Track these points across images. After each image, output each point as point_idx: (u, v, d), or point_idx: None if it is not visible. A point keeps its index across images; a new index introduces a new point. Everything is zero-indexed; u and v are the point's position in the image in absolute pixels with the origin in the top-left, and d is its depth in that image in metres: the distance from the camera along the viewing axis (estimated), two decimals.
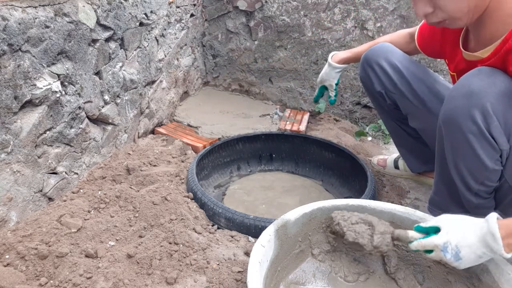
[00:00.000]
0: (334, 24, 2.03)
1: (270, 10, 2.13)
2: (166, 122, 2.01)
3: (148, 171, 1.49)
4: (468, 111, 0.91)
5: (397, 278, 1.03)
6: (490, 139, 0.92)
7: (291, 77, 2.25)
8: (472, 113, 0.90)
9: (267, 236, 0.94)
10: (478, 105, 0.89)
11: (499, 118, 0.90)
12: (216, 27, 2.33)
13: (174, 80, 2.08)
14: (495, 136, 0.91)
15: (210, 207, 1.29)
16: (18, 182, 1.17)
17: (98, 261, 1.07)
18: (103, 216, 1.25)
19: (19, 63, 1.11)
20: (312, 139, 1.77)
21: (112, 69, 1.53)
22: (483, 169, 0.96)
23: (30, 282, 1.00)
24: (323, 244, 1.08)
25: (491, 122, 0.90)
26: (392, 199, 1.47)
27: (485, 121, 0.90)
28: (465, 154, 0.97)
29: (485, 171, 0.96)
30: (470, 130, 0.92)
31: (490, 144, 0.92)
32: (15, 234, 1.12)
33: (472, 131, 0.92)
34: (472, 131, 0.92)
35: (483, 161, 0.94)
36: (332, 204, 1.05)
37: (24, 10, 1.10)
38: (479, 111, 0.89)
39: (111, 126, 1.59)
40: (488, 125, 0.90)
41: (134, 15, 1.60)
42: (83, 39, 1.34)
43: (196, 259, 1.09)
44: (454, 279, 0.95)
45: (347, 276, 1.05)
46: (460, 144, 0.96)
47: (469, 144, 0.94)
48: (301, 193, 1.62)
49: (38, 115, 1.20)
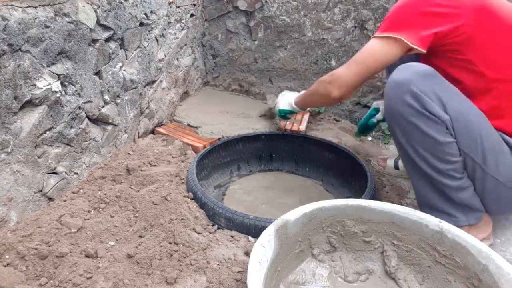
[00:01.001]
0: (334, 24, 2.03)
1: (270, 10, 2.13)
2: (166, 122, 2.01)
3: (148, 171, 1.49)
4: (401, 99, 1.03)
5: (397, 278, 1.03)
6: (429, 115, 1.02)
7: (291, 77, 2.25)
8: (404, 99, 1.03)
9: (267, 236, 0.94)
10: (407, 90, 1.02)
11: (430, 95, 1.01)
12: (216, 27, 2.33)
13: (174, 80, 2.08)
14: (432, 111, 1.01)
15: (210, 207, 1.29)
16: (18, 182, 1.17)
17: (98, 261, 1.07)
18: (103, 216, 1.25)
19: (19, 63, 1.11)
20: (312, 139, 1.77)
21: (112, 69, 1.53)
22: (438, 144, 1.04)
23: (30, 282, 1.00)
24: (323, 244, 1.08)
25: (423, 101, 1.01)
26: (392, 199, 1.47)
27: (418, 101, 1.02)
28: (417, 137, 1.06)
29: (440, 146, 1.04)
30: (410, 113, 1.03)
31: (431, 119, 1.02)
32: (15, 234, 1.12)
33: (412, 113, 1.03)
34: (412, 113, 1.03)
35: (434, 137, 1.03)
36: (332, 204, 1.05)
37: (24, 10, 1.10)
38: (409, 94, 1.02)
39: (111, 126, 1.59)
40: (423, 104, 1.02)
41: (134, 15, 1.60)
42: (83, 39, 1.34)
43: (196, 259, 1.09)
44: (454, 279, 0.95)
45: (347, 276, 1.05)
46: (409, 130, 1.06)
47: (415, 126, 1.04)
48: (301, 193, 1.62)
49: (38, 115, 1.20)
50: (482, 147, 1.04)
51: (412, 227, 1.00)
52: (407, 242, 1.02)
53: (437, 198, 1.13)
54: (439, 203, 1.14)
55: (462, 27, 1.04)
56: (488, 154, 1.05)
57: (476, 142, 1.04)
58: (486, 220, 1.18)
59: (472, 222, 1.14)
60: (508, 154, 1.07)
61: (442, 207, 1.14)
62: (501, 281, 0.84)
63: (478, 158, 1.05)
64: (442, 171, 1.07)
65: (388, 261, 1.04)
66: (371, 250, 1.08)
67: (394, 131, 1.11)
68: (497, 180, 1.07)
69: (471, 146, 1.05)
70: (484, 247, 0.90)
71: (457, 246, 0.93)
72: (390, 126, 1.13)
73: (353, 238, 1.08)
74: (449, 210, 1.13)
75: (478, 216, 1.14)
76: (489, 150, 1.05)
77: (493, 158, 1.05)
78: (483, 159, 1.05)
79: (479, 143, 1.04)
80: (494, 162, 1.05)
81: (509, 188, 1.08)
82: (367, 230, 1.06)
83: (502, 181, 1.07)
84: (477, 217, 1.14)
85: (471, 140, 1.04)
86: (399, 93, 1.04)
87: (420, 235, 1.00)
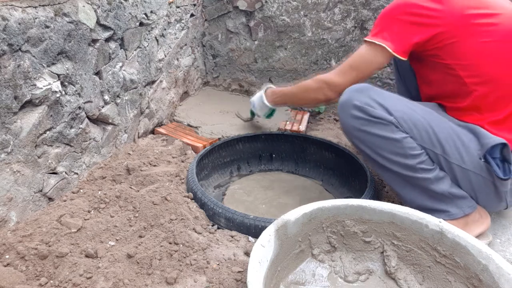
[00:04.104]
0: (334, 24, 2.03)
1: (270, 10, 2.13)
2: (166, 122, 2.01)
3: (148, 171, 1.49)
4: (349, 115, 1.15)
5: (397, 278, 1.03)
6: (377, 120, 1.11)
7: (291, 77, 2.25)
8: (352, 113, 1.14)
9: (267, 236, 0.94)
10: (351, 106, 1.14)
11: (371, 104, 1.12)
12: (216, 27, 2.33)
13: (174, 80, 2.08)
14: (377, 116, 1.11)
15: (210, 207, 1.29)
16: (18, 182, 1.17)
17: (98, 261, 1.07)
18: (103, 216, 1.25)
19: (19, 63, 1.11)
20: (312, 139, 1.77)
21: (112, 69, 1.53)
22: (395, 141, 1.11)
23: (30, 282, 1.00)
24: (323, 244, 1.08)
25: (367, 110, 1.12)
26: (392, 199, 1.47)
27: (363, 112, 1.12)
28: (377, 142, 1.14)
29: (399, 142, 1.11)
30: (361, 123, 1.14)
31: (380, 123, 1.12)
32: (15, 234, 1.12)
33: (362, 123, 1.14)
34: (362, 123, 1.14)
35: (389, 136, 1.11)
36: (332, 204, 1.05)
37: (24, 10, 1.10)
38: (354, 109, 1.14)
39: (111, 126, 1.59)
40: (368, 113, 1.12)
41: (134, 15, 1.60)
42: (83, 39, 1.34)
43: (196, 259, 1.09)
44: (454, 279, 0.95)
45: (347, 276, 1.05)
46: (367, 138, 1.15)
47: (370, 133, 1.14)
48: (301, 193, 1.62)
49: (38, 115, 1.20)
50: (437, 137, 1.10)
51: (412, 227, 1.00)
52: (407, 242, 1.02)
53: (422, 197, 1.16)
54: (427, 201, 1.16)
55: (442, 34, 1.08)
56: (445, 144, 1.10)
57: (428, 134, 1.11)
58: (482, 213, 1.18)
59: (467, 211, 1.14)
60: (470, 141, 1.10)
61: (431, 205, 1.15)
62: (501, 281, 0.84)
63: (437, 149, 1.11)
64: (413, 167, 1.12)
65: (388, 261, 1.04)
66: (371, 250, 1.08)
67: (357, 145, 1.20)
68: (463, 168, 1.10)
69: (425, 139, 1.11)
70: (484, 247, 0.90)
71: (457, 246, 0.93)
72: (352, 142, 1.22)
73: (353, 238, 1.08)
74: (439, 206, 1.15)
75: (471, 205, 1.14)
76: (445, 140, 1.10)
77: (452, 147, 1.10)
78: (442, 149, 1.10)
79: (432, 134, 1.10)
80: (455, 150, 1.10)
81: (477, 175, 1.10)
82: (367, 230, 1.06)
83: (469, 168, 1.10)
84: (470, 206, 1.14)
85: (423, 133, 1.11)
86: (346, 111, 1.16)
87: (420, 235, 1.00)
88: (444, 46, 1.10)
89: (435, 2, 1.09)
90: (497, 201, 1.16)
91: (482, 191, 1.13)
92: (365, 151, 1.19)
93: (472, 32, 1.07)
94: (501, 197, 1.14)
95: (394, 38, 1.14)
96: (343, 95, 1.19)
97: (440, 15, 1.08)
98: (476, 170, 1.10)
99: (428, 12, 1.09)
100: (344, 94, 1.19)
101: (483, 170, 1.09)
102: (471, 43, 1.08)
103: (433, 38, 1.10)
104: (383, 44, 1.14)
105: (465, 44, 1.08)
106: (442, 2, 1.08)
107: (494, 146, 1.05)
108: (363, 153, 1.20)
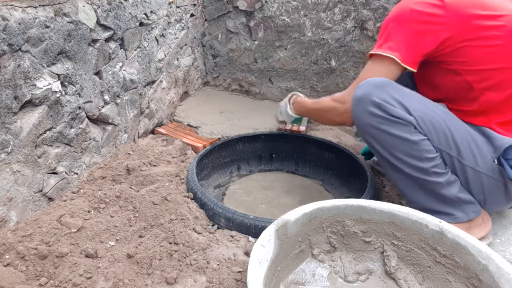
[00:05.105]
0: (334, 24, 2.03)
1: (270, 10, 2.13)
2: (166, 122, 2.01)
3: (148, 171, 1.49)
4: (366, 111, 1.09)
5: (397, 278, 1.03)
6: (396, 119, 1.06)
7: (291, 77, 2.25)
8: (369, 110, 1.08)
9: (267, 236, 0.94)
10: (369, 102, 1.08)
11: (391, 102, 1.06)
12: (216, 27, 2.33)
13: (174, 80, 2.08)
14: (396, 115, 1.06)
15: (210, 207, 1.29)
16: (18, 182, 1.17)
17: (98, 261, 1.07)
18: (103, 216, 1.25)
19: (19, 63, 1.11)
20: (312, 139, 1.77)
21: (112, 69, 1.53)
22: (412, 144, 1.07)
23: (30, 282, 1.00)
24: (323, 244, 1.08)
25: (386, 108, 1.06)
26: (392, 199, 1.47)
27: (382, 109, 1.07)
28: (393, 143, 1.10)
29: (415, 145, 1.07)
30: (378, 122, 1.09)
31: (398, 123, 1.07)
32: (15, 234, 1.12)
33: (380, 121, 1.08)
34: (380, 121, 1.08)
35: (406, 138, 1.07)
36: (332, 204, 1.05)
37: (24, 10, 1.10)
38: (372, 105, 1.08)
39: (111, 126, 1.59)
40: (386, 111, 1.06)
41: (134, 15, 1.60)
42: (83, 39, 1.34)
43: (196, 259, 1.09)
44: (454, 279, 0.95)
45: (347, 276, 1.05)
46: (383, 138, 1.10)
47: (387, 133, 1.09)
48: (301, 193, 1.62)
49: (38, 115, 1.20)
50: (454, 139, 1.08)
51: (412, 227, 1.00)
52: (407, 242, 1.02)
53: (431, 200, 1.14)
54: (434, 204, 1.14)
55: (450, 39, 1.06)
56: (461, 146, 1.08)
57: (446, 136, 1.08)
58: (484, 217, 1.18)
59: (472, 216, 1.13)
60: (483, 144, 1.09)
61: (438, 208, 1.14)
62: (501, 281, 0.84)
63: (452, 152, 1.09)
64: (427, 170, 1.09)
65: (388, 261, 1.04)
66: (371, 250, 1.08)
67: (371, 143, 1.15)
68: (476, 170, 1.09)
69: (442, 141, 1.08)
70: (484, 247, 0.90)
71: (457, 246, 0.93)
72: (366, 140, 1.17)
73: (353, 238, 1.08)
74: (445, 209, 1.14)
75: (476, 210, 1.14)
76: (461, 142, 1.08)
77: (467, 149, 1.08)
78: (458, 151, 1.08)
79: (450, 136, 1.08)
80: (469, 153, 1.08)
81: (489, 177, 1.09)
82: (367, 230, 1.06)
83: (482, 171, 1.09)
84: (475, 211, 1.14)
85: (441, 135, 1.08)
86: (363, 106, 1.10)
87: (420, 235, 1.00)
88: (452, 51, 1.07)
89: (439, 7, 1.05)
90: (506, 202, 1.16)
91: (493, 193, 1.12)
92: (377, 149, 1.14)
93: (479, 36, 1.05)
94: (510, 198, 1.14)
95: (402, 48, 1.08)
96: (360, 88, 1.11)
97: (446, 20, 1.05)
98: (488, 173, 1.09)
99: (434, 18, 1.05)
100: (361, 87, 1.11)
101: (495, 172, 1.09)
102: (478, 48, 1.06)
103: (441, 44, 1.06)
104: (391, 55, 1.08)
105: (473, 48, 1.06)
106: (445, 7, 1.05)
107: (508, 148, 1.04)
108: (375, 150, 1.16)
